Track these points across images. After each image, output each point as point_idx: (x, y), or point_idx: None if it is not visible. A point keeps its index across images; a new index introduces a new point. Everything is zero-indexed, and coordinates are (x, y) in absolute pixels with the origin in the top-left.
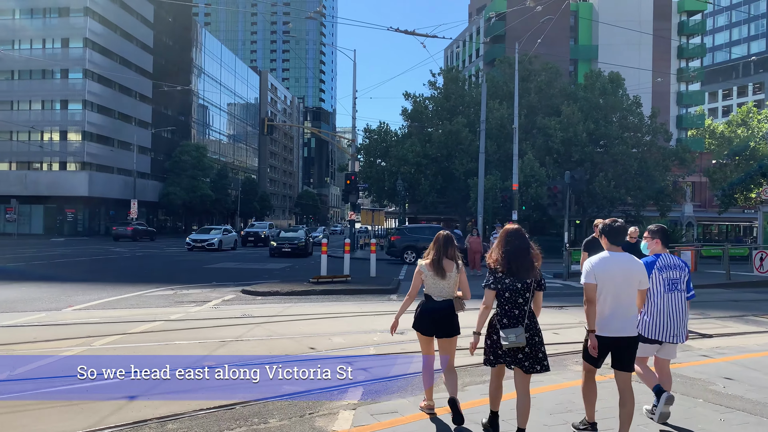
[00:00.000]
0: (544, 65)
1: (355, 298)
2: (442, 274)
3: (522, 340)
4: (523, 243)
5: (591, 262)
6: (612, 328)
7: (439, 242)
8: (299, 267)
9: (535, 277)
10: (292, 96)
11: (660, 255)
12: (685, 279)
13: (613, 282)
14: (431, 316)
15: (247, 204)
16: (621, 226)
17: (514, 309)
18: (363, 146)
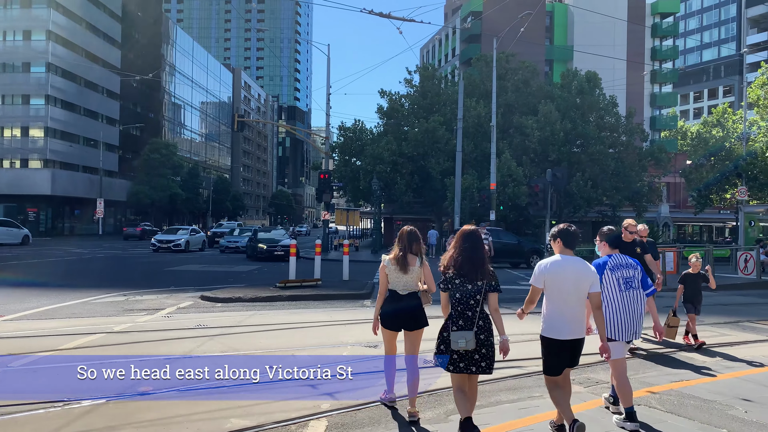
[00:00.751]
0: (521, 64)
1: (326, 304)
2: (404, 269)
3: (471, 345)
4: (476, 245)
5: (542, 265)
6: (569, 331)
7: (404, 238)
8: (268, 270)
9: (488, 279)
10: (266, 94)
11: (611, 255)
12: (638, 277)
13: (566, 285)
14: (397, 309)
15: (219, 204)
16: (576, 230)
17: (467, 310)
18: (338, 144)
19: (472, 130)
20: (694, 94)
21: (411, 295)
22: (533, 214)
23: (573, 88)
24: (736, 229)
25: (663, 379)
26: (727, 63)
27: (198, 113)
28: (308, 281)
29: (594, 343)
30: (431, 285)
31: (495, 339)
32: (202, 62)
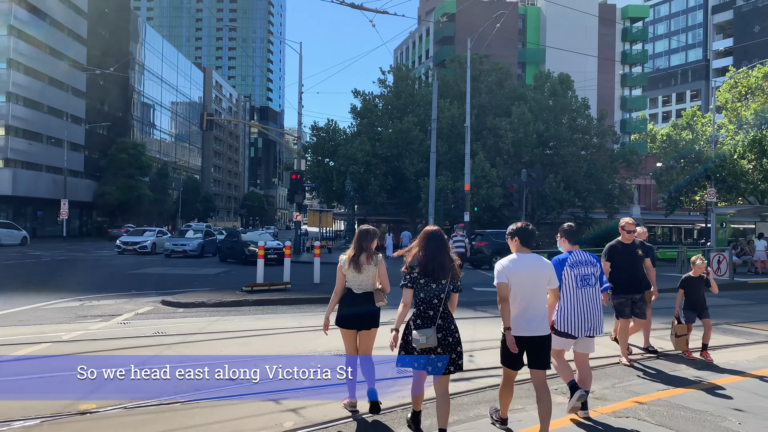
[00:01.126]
0: (495, 65)
1: (295, 309)
2: (358, 268)
3: (433, 341)
4: (440, 245)
5: (502, 263)
6: (527, 328)
7: (358, 237)
8: (236, 272)
9: (452, 278)
10: (238, 94)
11: (571, 252)
12: (597, 274)
13: (525, 282)
14: (353, 308)
15: (189, 205)
16: (533, 229)
17: (429, 309)
18: (310, 144)
19: (446, 131)
20: (662, 97)
21: (366, 295)
22: (508, 215)
23: (546, 90)
24: (706, 231)
25: (649, 387)
26: (694, 68)
27: (168, 113)
28: (277, 285)
29: None
30: (386, 285)
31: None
32: (172, 61)
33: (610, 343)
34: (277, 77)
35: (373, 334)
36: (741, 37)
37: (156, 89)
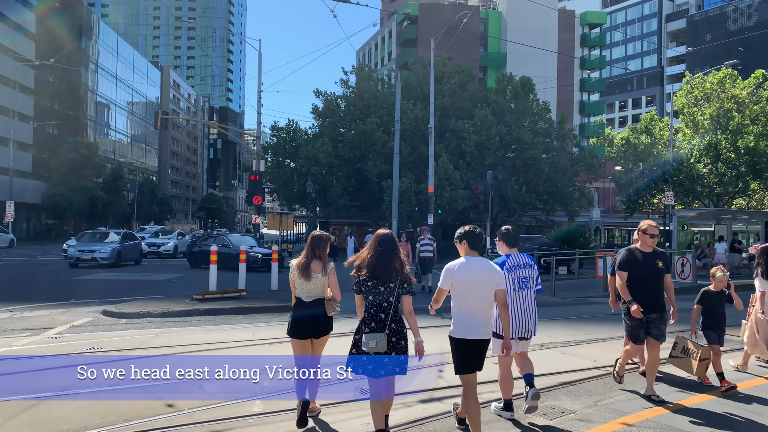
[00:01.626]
0: (457, 68)
1: (249, 318)
2: (307, 276)
3: (382, 346)
4: (390, 247)
5: (449, 267)
6: (475, 331)
7: (311, 243)
8: (190, 278)
9: (401, 281)
10: (196, 94)
11: (510, 255)
12: (534, 277)
13: (473, 286)
14: (304, 317)
15: (145, 207)
16: (480, 232)
17: (380, 313)
18: (270, 145)
19: (410, 133)
20: (619, 103)
21: (316, 303)
22: (473, 217)
23: (508, 93)
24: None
25: (634, 405)
26: (649, 74)
27: (124, 113)
28: (230, 292)
29: (552, 363)
30: (336, 293)
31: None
32: (128, 59)
33: (588, 354)
34: (237, 77)
35: (324, 341)
36: (693, 45)
37: (111, 88)
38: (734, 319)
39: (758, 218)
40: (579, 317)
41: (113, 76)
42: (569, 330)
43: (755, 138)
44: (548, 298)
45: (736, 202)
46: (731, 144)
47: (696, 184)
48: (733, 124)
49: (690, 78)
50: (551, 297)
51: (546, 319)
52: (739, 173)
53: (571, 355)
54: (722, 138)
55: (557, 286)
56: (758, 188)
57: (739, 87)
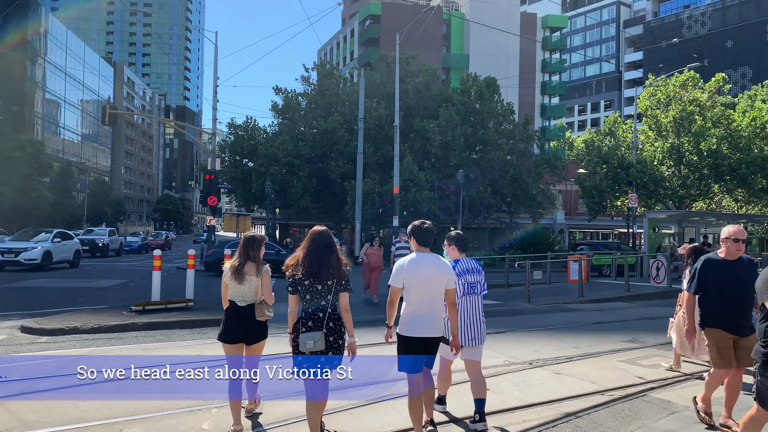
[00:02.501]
0: (422, 67)
1: (196, 333)
2: (239, 279)
3: (320, 345)
4: (326, 244)
5: (399, 263)
6: (424, 328)
7: (244, 244)
8: (137, 285)
9: (339, 278)
10: (152, 92)
11: (458, 260)
12: (482, 282)
13: (423, 283)
14: (236, 321)
15: (97, 208)
16: (429, 227)
17: (318, 311)
18: (227, 143)
19: (373, 132)
20: (578, 107)
21: (250, 307)
22: (443, 218)
23: (473, 93)
24: (628, 236)
25: None
26: (607, 79)
27: (74, 110)
28: (176, 303)
29: (547, 387)
30: (268, 296)
31: None
32: (78, 54)
33: (583, 373)
34: (195, 76)
35: (260, 347)
36: (650, 51)
37: (60, 84)
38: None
39: (725, 220)
40: (561, 327)
41: (62, 71)
42: (555, 343)
43: (717, 141)
44: (524, 304)
45: (696, 204)
46: (694, 147)
47: (659, 186)
48: (696, 126)
49: (653, 80)
50: (526, 303)
51: (528, 330)
52: (701, 176)
53: (564, 375)
54: (685, 141)
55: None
56: (718, 191)
57: (700, 91)
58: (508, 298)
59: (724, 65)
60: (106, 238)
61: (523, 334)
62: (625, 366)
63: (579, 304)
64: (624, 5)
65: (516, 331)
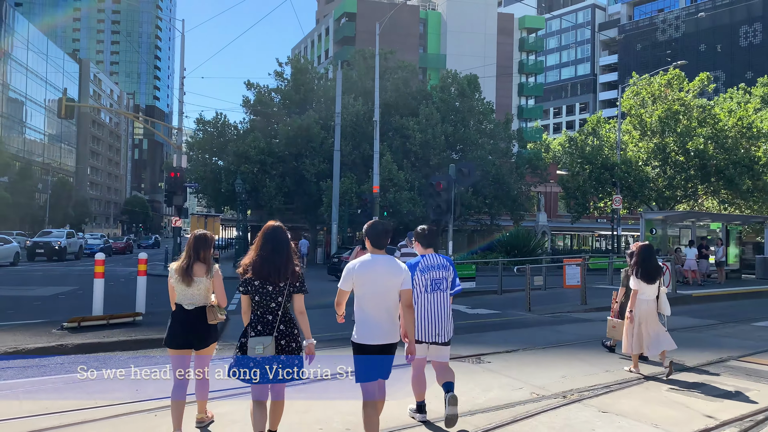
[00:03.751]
0: (400, 63)
1: (142, 358)
2: (187, 281)
3: (270, 351)
4: (279, 243)
5: (350, 266)
6: (378, 335)
7: (194, 243)
8: (87, 293)
9: (293, 279)
10: (120, 91)
11: (424, 256)
12: (449, 278)
13: (376, 286)
14: (183, 327)
15: (60, 209)
16: (384, 228)
17: (267, 314)
18: (196, 140)
19: (350, 130)
20: (553, 109)
21: (198, 310)
22: (434, 218)
23: (453, 90)
24: (614, 238)
25: None
26: (582, 81)
27: (36, 107)
28: (120, 317)
29: None
30: (221, 299)
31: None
32: (41, 49)
33: (637, 411)
34: (165, 75)
35: (209, 352)
36: (625, 54)
37: (20, 80)
38: None
39: (721, 221)
40: (578, 343)
41: (23, 66)
42: (580, 365)
43: (704, 141)
44: (525, 314)
45: (679, 206)
46: (680, 147)
47: (644, 187)
48: (681, 126)
49: (637, 79)
50: (527, 312)
51: (542, 348)
52: (687, 176)
53: (614, 415)
54: (670, 140)
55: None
56: (703, 192)
57: (685, 89)
58: (505, 306)
59: (697, 69)
60: (63, 241)
61: (539, 354)
62: (680, 398)
63: (584, 313)
64: (599, 8)
65: (529, 349)
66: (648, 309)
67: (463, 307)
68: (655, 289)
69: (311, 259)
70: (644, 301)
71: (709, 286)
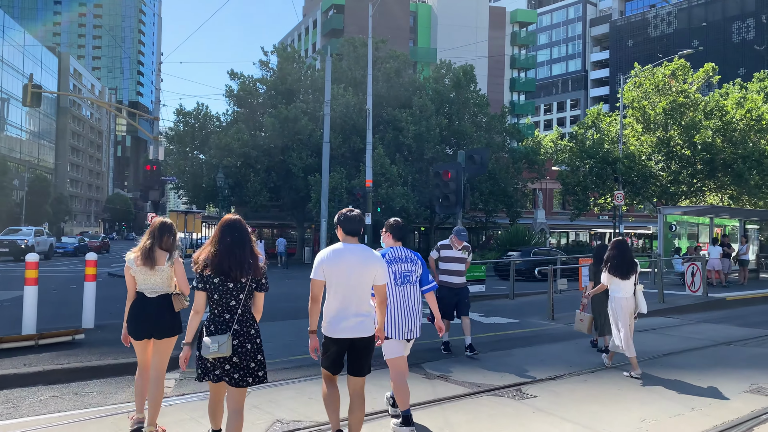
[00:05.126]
0: (392, 53)
1: (69, 401)
2: (151, 265)
3: (225, 349)
4: (239, 237)
5: (321, 255)
6: (346, 329)
7: (155, 230)
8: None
9: (255, 276)
10: (102, 86)
11: (392, 248)
12: (418, 272)
13: (347, 277)
14: (145, 313)
15: (38, 207)
16: (356, 216)
17: (225, 313)
18: (176, 133)
19: (340, 122)
20: (544, 106)
21: (161, 298)
22: (440, 212)
23: (447, 81)
24: (601, 236)
25: None
26: (573, 78)
27: (12, 101)
28: (54, 336)
29: None
30: (183, 286)
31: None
32: (17, 41)
33: None
34: (149, 71)
35: (169, 345)
36: (616, 50)
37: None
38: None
39: (739, 216)
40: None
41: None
42: (654, 399)
43: (712, 134)
44: (549, 324)
45: (683, 202)
46: (686, 140)
47: (647, 182)
48: (687, 118)
49: (639, 70)
50: (550, 322)
51: (591, 373)
52: (694, 171)
53: None
54: (675, 133)
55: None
56: (713, 186)
57: (689, 81)
58: (521, 313)
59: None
60: (30, 239)
61: (592, 382)
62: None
63: None
64: (590, 4)
65: (575, 373)
66: (625, 306)
67: (476, 314)
68: (631, 285)
69: (298, 257)
70: (622, 299)
71: (734, 288)
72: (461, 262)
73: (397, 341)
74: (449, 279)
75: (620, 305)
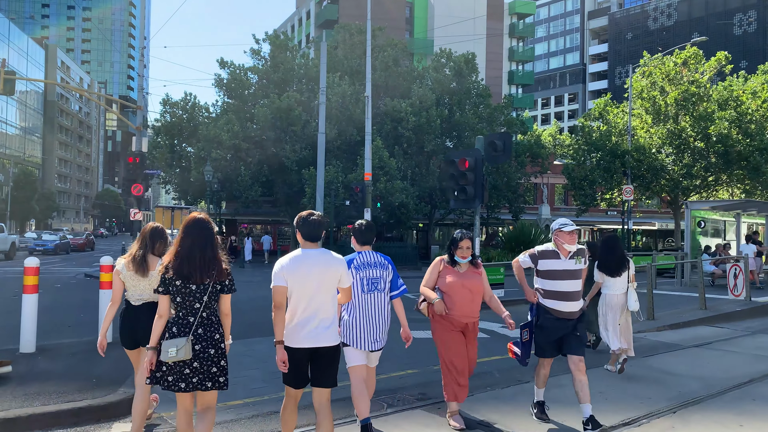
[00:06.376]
0: (390, 41)
1: None
2: (143, 272)
3: (184, 353)
4: (203, 236)
5: (281, 261)
6: (308, 338)
7: (146, 235)
8: (11, 308)
9: (219, 278)
10: (90, 79)
11: (360, 253)
12: (387, 278)
13: (308, 283)
14: (132, 323)
15: (24, 203)
16: (317, 219)
17: (189, 316)
18: (163, 124)
19: (336, 113)
20: (541, 100)
21: (147, 306)
22: (454, 206)
23: (448, 71)
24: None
25: None
26: (572, 71)
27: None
28: None
29: None
30: None
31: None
32: (2, 32)
33: None
34: (139, 65)
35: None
36: (615, 43)
37: None
38: None
39: (766, 211)
40: (721, 394)
41: None
42: None
43: (729, 124)
44: None
45: (693, 197)
46: (699, 132)
47: (658, 176)
48: (701, 108)
49: (648, 59)
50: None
51: (692, 406)
52: (708, 164)
53: None
54: (687, 125)
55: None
56: (727, 180)
57: (700, 70)
58: None
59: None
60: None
61: (695, 419)
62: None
63: (656, 333)
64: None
65: (675, 408)
66: (615, 303)
67: (497, 325)
68: (624, 282)
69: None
70: (613, 296)
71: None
72: (575, 277)
73: (359, 351)
74: (555, 305)
75: (610, 302)
